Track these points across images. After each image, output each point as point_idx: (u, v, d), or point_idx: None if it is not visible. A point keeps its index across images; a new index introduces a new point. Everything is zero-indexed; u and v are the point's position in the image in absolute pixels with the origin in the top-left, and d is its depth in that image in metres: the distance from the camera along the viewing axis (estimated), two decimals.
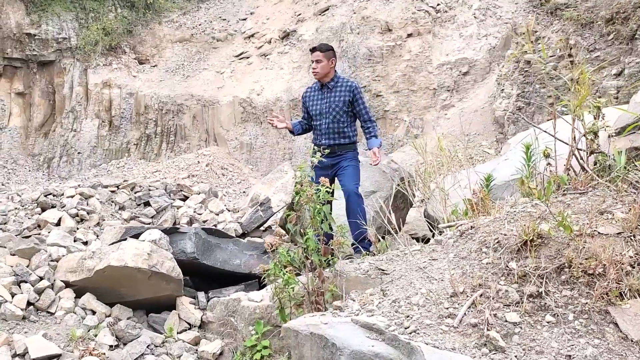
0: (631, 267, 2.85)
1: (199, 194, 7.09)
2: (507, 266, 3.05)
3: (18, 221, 5.86)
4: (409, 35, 17.52)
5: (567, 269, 2.93)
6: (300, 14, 19.45)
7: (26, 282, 4.70)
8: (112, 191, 6.62)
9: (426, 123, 16.84)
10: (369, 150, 5.32)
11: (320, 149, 5.35)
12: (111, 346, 4.46)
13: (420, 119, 17.06)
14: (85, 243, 5.67)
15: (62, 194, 6.25)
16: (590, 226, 3.11)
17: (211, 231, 5.44)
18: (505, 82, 15.08)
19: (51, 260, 5.00)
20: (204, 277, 5.59)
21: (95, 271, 4.68)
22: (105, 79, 18.60)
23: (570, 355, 2.60)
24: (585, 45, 12.49)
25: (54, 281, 4.82)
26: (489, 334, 2.69)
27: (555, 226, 3.08)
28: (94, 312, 4.74)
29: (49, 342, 4.26)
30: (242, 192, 15.89)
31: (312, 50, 5.56)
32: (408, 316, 2.95)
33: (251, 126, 17.52)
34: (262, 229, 6.91)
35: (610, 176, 3.64)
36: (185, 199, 7.03)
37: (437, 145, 13.60)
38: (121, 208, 6.54)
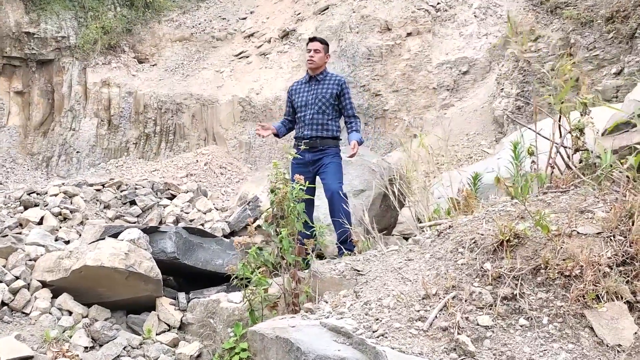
0: (609, 268, 2.73)
1: (186, 192, 6.99)
2: (482, 267, 2.94)
3: (0, 220, 5.77)
4: (409, 35, 17.40)
5: (543, 270, 2.81)
6: (300, 13, 19.35)
7: (1, 282, 4.61)
8: (98, 190, 6.53)
9: (426, 122, 16.70)
10: (349, 142, 5.21)
11: (300, 142, 5.26)
12: (86, 347, 4.37)
13: (419, 119, 16.93)
14: (67, 242, 5.58)
15: (46, 193, 6.16)
16: (569, 226, 2.99)
17: (193, 230, 5.34)
18: (504, 81, 14.95)
19: (29, 260, 4.91)
20: (189, 277, 5.50)
21: (72, 271, 4.59)
22: (105, 78, 18.55)
23: None
24: (584, 44, 12.35)
25: (30, 281, 4.73)
26: (458, 338, 2.58)
27: (532, 226, 2.97)
28: (70, 313, 4.65)
29: (21, 343, 4.16)
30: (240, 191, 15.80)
31: (311, 39, 5.50)
32: (377, 319, 2.84)
33: (250, 125, 17.41)
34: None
35: (594, 174, 3.53)
36: (172, 197, 6.93)
37: (436, 143, 13.47)
38: (106, 207, 6.45)
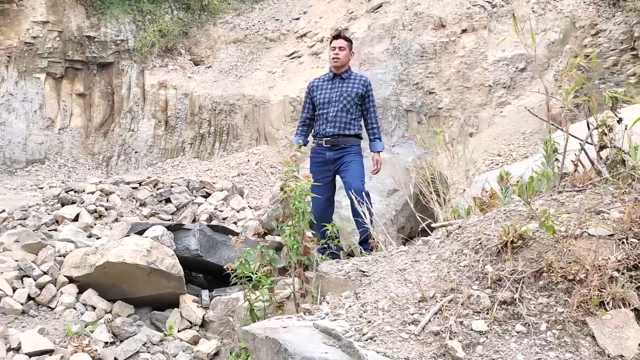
0: (618, 272, 2.54)
1: (221, 191, 7.04)
2: (483, 269, 2.79)
3: (37, 217, 5.96)
4: (464, 31, 17.06)
5: (545, 274, 2.64)
6: (352, 12, 19.27)
7: (29, 277, 4.75)
8: (134, 188, 6.66)
9: (481, 121, 16.33)
10: (372, 153, 5.19)
11: (321, 140, 5.20)
12: (107, 343, 4.44)
13: (475, 117, 16.55)
14: (100, 239, 5.70)
15: (84, 190, 6.33)
16: (580, 227, 2.81)
17: (218, 228, 5.35)
18: (563, 78, 14.41)
19: (59, 256, 5.03)
20: (215, 275, 5.51)
21: (96, 267, 4.67)
22: (162, 80, 19.01)
23: None
24: None
25: (57, 276, 4.84)
26: (447, 343, 2.45)
27: (539, 227, 2.79)
28: (94, 308, 4.74)
29: (43, 337, 4.27)
30: None
31: (335, 37, 5.46)
32: (370, 322, 2.73)
33: None
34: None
35: (616, 172, 3.31)
36: (207, 195, 7.00)
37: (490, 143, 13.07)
38: (142, 204, 6.56)
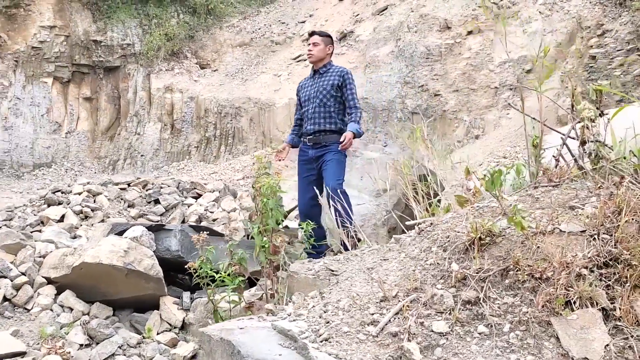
0: (588, 270, 2.40)
1: (212, 192, 6.95)
2: (449, 268, 2.66)
3: (23, 217, 5.90)
4: (469, 33, 16.93)
5: (512, 272, 2.50)
6: (358, 15, 19.19)
7: (6, 278, 4.67)
8: (123, 188, 6.58)
9: (487, 123, 16.16)
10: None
11: (305, 138, 5.13)
12: (82, 345, 4.34)
13: (480, 119, 16.38)
14: (88, 240, 5.62)
15: (71, 191, 6.26)
16: (551, 223, 2.67)
17: (201, 229, 5.25)
18: (569, 79, 14.23)
19: (39, 257, 4.96)
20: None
21: (73, 268, 4.59)
22: (168, 83, 19.00)
23: None
24: None
25: (35, 277, 4.77)
26: (404, 345, 2.32)
27: (508, 223, 2.66)
28: (72, 310, 4.65)
29: (17, 339, 4.18)
30: None
31: (311, 34, 5.43)
32: (328, 322, 2.61)
33: None
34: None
35: (599, 167, 3.17)
36: (198, 197, 6.91)
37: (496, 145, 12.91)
38: (130, 205, 6.49)
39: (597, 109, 3.45)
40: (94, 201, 6.24)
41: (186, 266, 3.71)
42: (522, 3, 17.18)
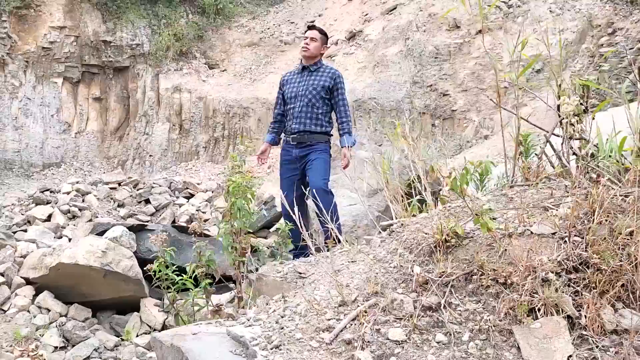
0: (555, 275, 2.24)
1: (205, 191, 6.85)
2: (412, 271, 2.52)
3: (10, 217, 5.83)
4: (479, 32, 16.71)
5: (476, 277, 2.36)
6: (367, 14, 19.04)
7: None
8: (113, 188, 6.50)
9: (496, 123, 15.91)
10: (342, 148, 4.90)
11: (289, 137, 5.00)
12: (56, 347, 4.25)
13: (490, 119, 16.15)
14: (71, 240, 5.54)
15: (59, 191, 6.19)
16: (522, 224, 2.52)
17: (184, 229, 5.14)
18: (579, 78, 13.93)
19: (20, 257, 4.88)
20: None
21: (50, 268, 4.50)
22: (176, 83, 18.97)
23: None
24: None
25: (13, 278, 4.69)
26: (354, 354, 2.18)
27: (475, 224, 2.51)
28: (49, 311, 4.56)
29: None
30: None
31: (310, 27, 5.28)
32: (283, 328, 2.48)
33: None
34: (272, 229, 6.57)
35: (585, 164, 3.00)
36: (191, 196, 6.81)
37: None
38: (120, 205, 6.40)
39: (581, 104, 3.29)
40: (83, 200, 6.16)
41: (145, 268, 3.60)
42: (533, 2, 16.93)
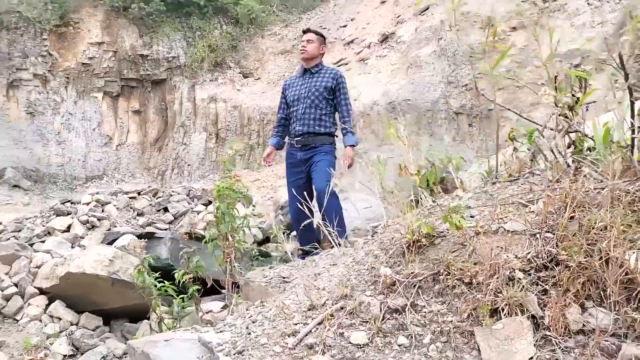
0: (524, 273, 2.14)
1: None
2: (384, 273, 2.44)
3: (31, 228, 5.98)
4: (513, 29, 16.39)
5: (442, 277, 2.27)
6: (399, 16, 18.90)
7: None
8: (132, 197, 6.59)
9: (535, 120, 15.52)
10: (345, 147, 4.85)
11: (293, 140, 4.98)
12: (65, 356, 4.32)
13: (528, 116, 15.73)
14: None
15: (80, 202, 6.32)
16: (496, 221, 2.42)
17: (193, 236, 5.17)
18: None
19: (35, 267, 4.99)
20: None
21: (60, 278, 4.59)
22: (212, 93, 19.23)
23: None
24: None
25: (26, 288, 4.79)
26: (313, 359, 2.13)
27: (444, 222, 2.42)
28: (61, 320, 4.64)
29: (0, 350, 4.19)
30: None
31: (305, 31, 5.28)
32: (250, 333, 2.44)
33: None
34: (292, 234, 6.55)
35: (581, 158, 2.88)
36: (209, 203, 6.86)
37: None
38: (139, 214, 6.49)
39: (573, 95, 3.16)
40: (102, 211, 6.27)
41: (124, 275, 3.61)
42: None
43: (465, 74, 16.35)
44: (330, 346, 2.20)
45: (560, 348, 1.92)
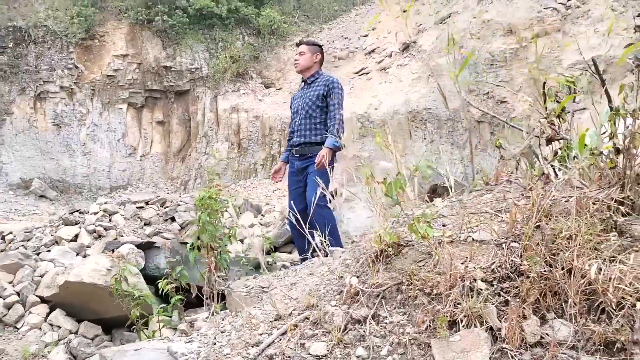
0: (487, 283, 2.09)
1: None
2: (349, 282, 2.41)
3: (39, 238, 6.07)
4: (535, 36, 16.20)
5: (405, 287, 2.23)
6: (421, 25, 18.83)
7: (0, 297, 4.80)
8: (140, 207, 6.66)
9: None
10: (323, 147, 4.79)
11: (292, 149, 5.00)
12: None
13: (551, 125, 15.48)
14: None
15: (88, 211, 6.40)
16: (466, 230, 2.37)
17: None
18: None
19: (39, 276, 5.06)
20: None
21: (59, 286, 4.64)
22: (234, 104, 19.37)
23: None
24: None
25: (28, 296, 4.86)
26: None
27: (409, 231, 2.38)
28: (60, 329, 4.69)
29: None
30: None
31: (298, 44, 5.30)
32: (216, 343, 2.43)
33: (369, 141, 17.19)
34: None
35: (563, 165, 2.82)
36: None
37: None
38: (147, 224, 6.55)
39: (557, 101, 3.11)
40: (109, 220, 6.34)
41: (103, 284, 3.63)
42: (593, 1, 16.26)
43: (487, 81, 16.19)
44: (289, 357, 2.18)
45: None
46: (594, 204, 2.16)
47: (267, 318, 2.49)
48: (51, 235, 6.13)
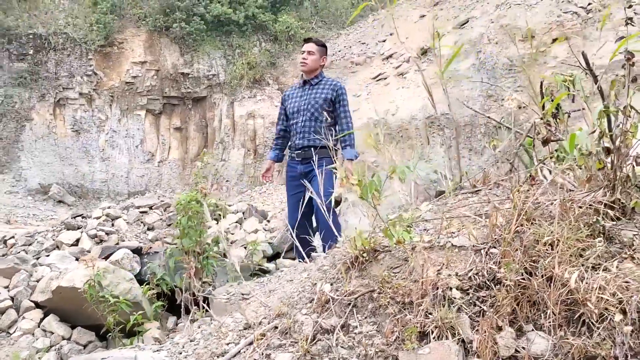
0: (462, 292, 1.95)
1: (235, 213, 6.81)
2: (321, 289, 2.29)
3: (41, 242, 6.04)
4: (554, 40, 15.91)
5: (376, 295, 2.10)
6: (439, 30, 18.65)
7: None
8: (144, 212, 6.60)
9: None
10: (344, 161, 4.68)
11: (293, 152, 4.88)
12: None
13: (572, 130, 15.18)
14: None
15: (90, 216, 6.36)
16: (446, 235, 2.24)
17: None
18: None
19: (35, 281, 5.01)
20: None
21: (52, 291, 4.57)
22: (250, 110, 19.36)
23: None
24: None
25: (22, 301, 4.80)
26: None
27: (387, 236, 2.25)
28: (53, 334, 4.62)
29: None
30: None
31: (306, 40, 5.15)
32: (182, 352, 2.32)
33: (386, 146, 17.03)
34: None
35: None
36: (219, 217, 6.79)
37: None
38: (150, 228, 6.48)
39: (551, 100, 2.96)
40: (112, 225, 6.29)
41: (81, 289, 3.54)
42: (615, 5, 15.92)
43: (505, 87, 15.95)
44: None
45: None
46: (580, 207, 2.01)
47: (237, 327, 2.38)
48: (52, 240, 6.10)
